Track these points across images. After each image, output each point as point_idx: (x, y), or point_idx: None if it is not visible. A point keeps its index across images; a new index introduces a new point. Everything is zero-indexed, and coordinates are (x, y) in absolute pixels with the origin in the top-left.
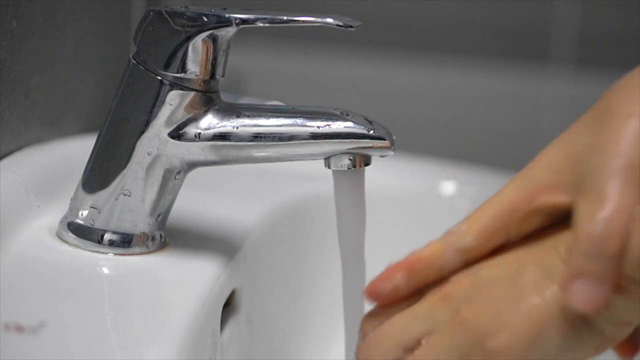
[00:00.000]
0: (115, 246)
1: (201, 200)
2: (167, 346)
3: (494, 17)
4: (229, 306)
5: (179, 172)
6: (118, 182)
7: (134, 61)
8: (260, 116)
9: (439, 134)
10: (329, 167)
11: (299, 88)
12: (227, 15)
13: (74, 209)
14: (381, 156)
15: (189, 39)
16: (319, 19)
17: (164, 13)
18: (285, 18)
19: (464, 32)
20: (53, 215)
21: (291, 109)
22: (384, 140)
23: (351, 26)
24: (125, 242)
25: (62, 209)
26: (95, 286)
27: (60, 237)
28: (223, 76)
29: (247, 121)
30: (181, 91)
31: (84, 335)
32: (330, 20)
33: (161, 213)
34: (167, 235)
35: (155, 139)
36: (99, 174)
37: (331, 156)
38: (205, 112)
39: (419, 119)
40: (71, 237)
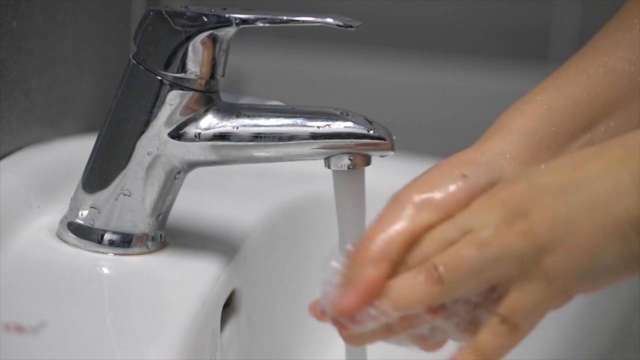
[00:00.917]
0: (115, 246)
1: (201, 200)
2: (167, 346)
3: (494, 17)
4: (229, 306)
5: (179, 172)
6: (118, 182)
7: (134, 61)
8: (260, 116)
9: (439, 134)
10: (329, 167)
11: (299, 88)
12: (227, 15)
13: (74, 209)
14: (381, 156)
15: (189, 39)
16: (319, 19)
17: (164, 13)
18: (285, 18)
19: (464, 32)
20: (53, 215)
21: (291, 109)
22: (384, 140)
23: (351, 26)
24: (125, 242)
25: (62, 209)
26: (95, 286)
27: (60, 237)
28: (223, 76)
29: (247, 121)
30: (181, 91)
31: (84, 335)
32: (330, 20)
33: (161, 213)
34: (167, 235)
35: (155, 139)
36: (99, 174)
37: (331, 156)
38: (205, 112)
39: (419, 119)
40: (71, 237)
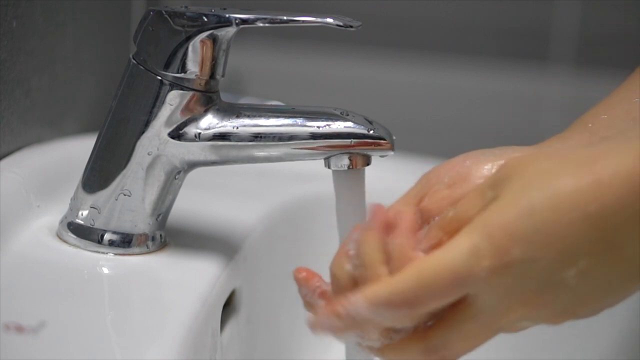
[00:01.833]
0: (115, 246)
1: (201, 200)
2: (167, 346)
3: (494, 17)
4: (229, 306)
5: (179, 172)
6: (118, 182)
7: (134, 61)
8: (260, 116)
9: (439, 134)
10: (329, 167)
11: (299, 88)
12: (227, 15)
13: (74, 209)
14: (381, 156)
15: (189, 39)
16: (319, 19)
17: (164, 13)
18: (285, 18)
19: (464, 32)
20: (53, 215)
21: (291, 109)
22: (384, 140)
23: (351, 26)
24: (125, 242)
25: (62, 209)
26: (95, 286)
27: (60, 237)
28: (223, 76)
29: (247, 121)
30: (181, 91)
31: (84, 335)
32: (330, 20)
33: (161, 213)
34: (167, 235)
35: (155, 139)
36: (99, 174)
37: (331, 156)
38: (205, 112)
39: (419, 119)
40: (71, 237)
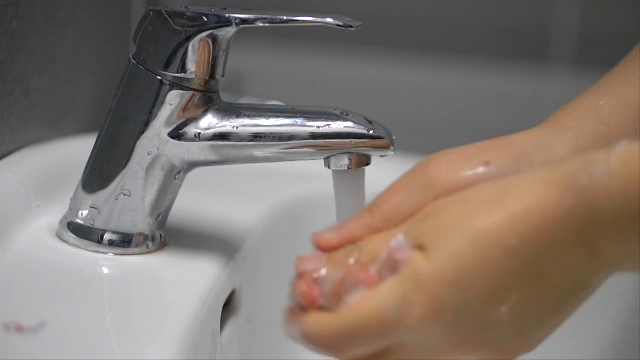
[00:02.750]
0: (115, 246)
1: (201, 200)
2: (167, 346)
3: (494, 17)
4: (229, 306)
5: (179, 172)
6: (118, 182)
7: (134, 61)
8: (260, 116)
9: (439, 134)
10: (329, 167)
11: (299, 88)
12: (227, 15)
13: (74, 209)
14: (381, 156)
15: (189, 39)
16: (319, 19)
17: (164, 13)
18: (285, 18)
19: (464, 32)
20: (53, 215)
21: (291, 109)
22: (384, 140)
23: (351, 26)
24: (125, 242)
25: (62, 209)
26: (95, 286)
27: (60, 237)
28: (223, 76)
29: (247, 121)
30: (181, 91)
31: (84, 335)
32: (330, 20)
33: (161, 213)
34: (167, 235)
35: (155, 139)
36: (99, 174)
37: (331, 156)
38: (205, 112)
39: (419, 119)
40: (71, 237)
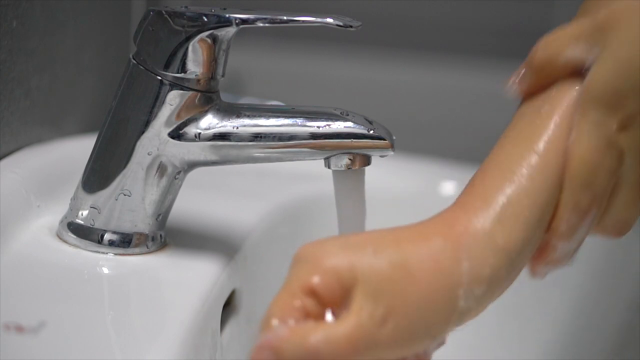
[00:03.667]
0: (115, 246)
1: (201, 200)
2: (167, 346)
3: (494, 17)
4: (229, 306)
5: (179, 172)
6: (118, 182)
7: (134, 61)
8: (260, 116)
9: (439, 134)
10: (329, 167)
11: (299, 88)
12: (227, 15)
13: (74, 209)
14: (381, 156)
15: (189, 39)
16: (319, 19)
17: (164, 13)
18: (285, 18)
19: (463, 32)
20: (53, 215)
21: (291, 109)
22: (384, 140)
23: (351, 26)
24: (125, 242)
25: (62, 209)
26: (95, 286)
27: (60, 237)
28: (223, 76)
29: (247, 121)
30: (181, 91)
31: (84, 335)
32: (330, 20)
33: (161, 213)
34: (167, 235)
35: (155, 139)
36: (99, 174)
37: (331, 156)
38: (205, 112)
39: (419, 119)
40: (71, 237)
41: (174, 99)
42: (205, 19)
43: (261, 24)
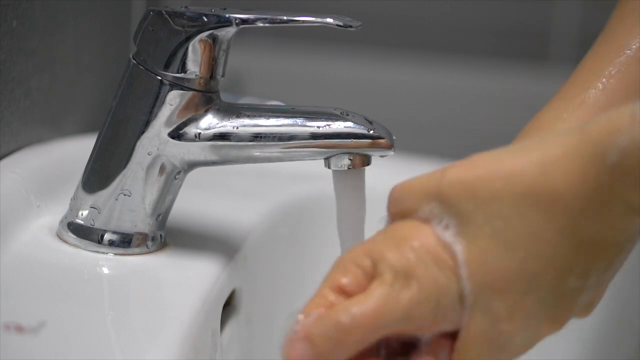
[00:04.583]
0: (115, 246)
1: (201, 200)
2: (167, 346)
3: (494, 17)
4: (229, 306)
5: (179, 172)
6: (118, 182)
7: (134, 61)
8: (260, 116)
9: (439, 134)
10: (329, 167)
11: (299, 88)
12: (227, 15)
13: (74, 209)
14: (381, 156)
15: (189, 39)
16: (319, 19)
17: (164, 13)
18: (285, 18)
19: (464, 32)
20: (53, 215)
21: (291, 109)
22: (384, 140)
23: (351, 26)
24: (125, 242)
25: (62, 209)
26: (95, 286)
27: (60, 237)
28: (223, 76)
29: (247, 121)
30: (181, 91)
31: (84, 335)
32: (330, 20)
33: (161, 213)
34: (167, 235)
35: (155, 139)
36: (99, 174)
37: (331, 156)
38: (205, 112)
39: (419, 119)
40: (71, 237)
41: (174, 99)
42: (205, 19)
43: (261, 24)
